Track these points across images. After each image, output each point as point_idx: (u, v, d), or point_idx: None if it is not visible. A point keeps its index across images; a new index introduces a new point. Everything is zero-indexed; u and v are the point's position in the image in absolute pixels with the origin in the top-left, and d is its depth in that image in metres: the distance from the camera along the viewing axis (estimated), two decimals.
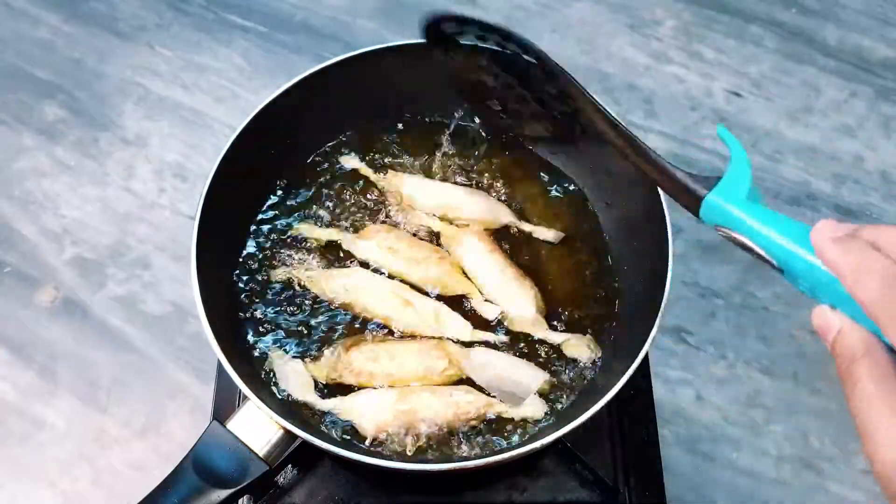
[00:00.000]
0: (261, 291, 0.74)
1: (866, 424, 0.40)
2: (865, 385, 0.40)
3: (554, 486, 0.72)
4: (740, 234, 0.49)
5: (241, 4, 1.16)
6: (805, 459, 0.85)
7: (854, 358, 0.41)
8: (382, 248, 0.75)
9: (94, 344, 0.90)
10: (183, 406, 0.86)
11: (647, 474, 0.73)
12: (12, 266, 0.95)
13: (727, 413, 0.87)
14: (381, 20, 1.15)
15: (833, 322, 0.43)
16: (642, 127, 1.07)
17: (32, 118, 1.05)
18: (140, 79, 1.09)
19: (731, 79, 1.12)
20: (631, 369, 0.62)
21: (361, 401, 0.68)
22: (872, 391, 0.40)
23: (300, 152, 0.81)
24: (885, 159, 1.06)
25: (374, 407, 0.67)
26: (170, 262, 0.95)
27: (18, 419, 0.86)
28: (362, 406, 0.67)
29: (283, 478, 0.72)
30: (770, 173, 1.04)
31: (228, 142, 0.72)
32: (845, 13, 1.18)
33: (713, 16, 1.18)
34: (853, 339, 0.42)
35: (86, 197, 1.00)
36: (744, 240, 0.49)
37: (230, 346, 0.65)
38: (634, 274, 0.75)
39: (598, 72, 1.12)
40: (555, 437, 0.61)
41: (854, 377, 0.41)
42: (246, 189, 0.77)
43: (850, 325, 0.43)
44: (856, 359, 0.41)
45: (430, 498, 0.72)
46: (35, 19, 1.14)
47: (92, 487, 0.82)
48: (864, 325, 0.42)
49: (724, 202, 0.51)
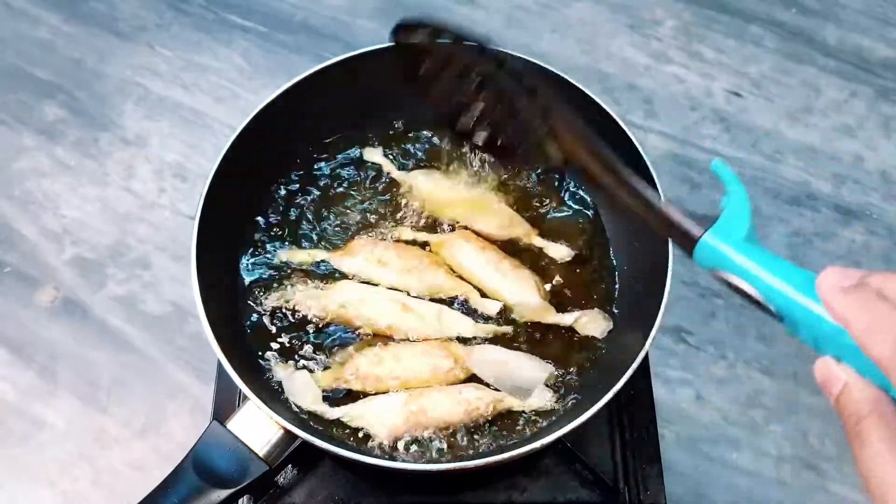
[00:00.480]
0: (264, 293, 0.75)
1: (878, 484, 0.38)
2: (874, 444, 0.39)
3: (554, 486, 0.72)
4: (739, 278, 0.46)
5: (241, 4, 1.16)
6: (805, 459, 0.85)
7: (861, 415, 0.40)
8: (371, 262, 0.74)
9: (94, 344, 0.90)
10: (183, 406, 0.86)
11: (647, 474, 0.73)
12: (12, 266, 0.95)
13: (727, 413, 0.87)
14: (381, 20, 1.15)
15: (838, 376, 0.41)
16: (642, 127, 1.07)
17: (32, 118, 1.05)
18: (140, 79, 1.09)
19: (731, 79, 1.12)
20: (631, 369, 0.62)
21: (371, 406, 0.67)
22: (882, 450, 0.39)
23: (300, 152, 0.81)
24: (885, 159, 1.06)
25: (384, 411, 0.67)
26: (170, 262, 0.95)
27: (18, 419, 0.86)
28: (372, 411, 0.67)
29: (283, 478, 0.72)
30: (770, 173, 1.04)
31: (228, 142, 0.72)
32: (845, 13, 1.18)
33: (713, 16, 1.18)
34: (860, 395, 0.40)
35: (86, 197, 1.00)
36: (742, 285, 0.46)
37: (230, 346, 0.65)
38: (634, 274, 0.75)
39: (598, 72, 1.12)
40: (555, 437, 0.61)
41: (862, 435, 0.39)
42: (246, 189, 0.77)
43: (855, 379, 0.41)
44: (863, 416, 0.40)
45: (430, 498, 0.72)
46: (35, 19, 1.14)
47: (92, 487, 0.82)
48: (870, 380, 0.40)
49: (721, 243, 0.48)
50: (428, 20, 0.63)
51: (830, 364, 0.42)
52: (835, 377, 0.41)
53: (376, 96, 0.81)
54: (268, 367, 0.70)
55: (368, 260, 0.74)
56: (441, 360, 0.69)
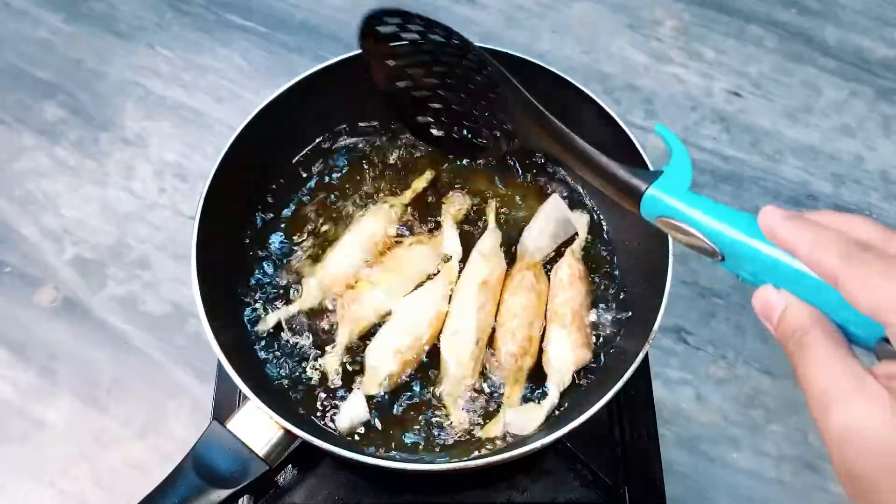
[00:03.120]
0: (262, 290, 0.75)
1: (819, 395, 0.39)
2: (819, 351, 0.40)
3: (554, 486, 0.72)
4: (682, 222, 0.50)
5: (241, 4, 1.16)
6: (805, 459, 0.85)
7: (805, 329, 0.41)
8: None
9: (94, 344, 0.90)
10: (183, 406, 0.86)
11: (647, 474, 0.73)
12: (12, 266, 0.95)
13: (727, 413, 0.87)
14: None
15: (777, 300, 0.44)
16: (642, 127, 1.07)
17: (32, 118, 1.05)
18: (140, 79, 1.09)
19: (731, 79, 1.12)
20: (631, 369, 0.62)
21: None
22: (827, 356, 0.40)
23: (300, 152, 0.81)
24: (885, 159, 1.06)
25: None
26: (170, 262, 0.95)
27: (18, 419, 0.86)
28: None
29: (283, 478, 0.72)
30: (770, 173, 1.04)
31: (228, 142, 0.72)
32: (845, 13, 1.18)
33: (713, 16, 1.18)
34: (802, 312, 0.42)
35: (86, 197, 1.00)
36: (686, 227, 0.50)
37: (230, 346, 0.65)
38: (634, 274, 0.75)
39: (598, 72, 1.12)
40: (555, 437, 0.61)
41: (805, 346, 0.41)
42: (246, 189, 0.77)
43: (795, 301, 0.43)
44: (806, 330, 0.41)
45: (430, 498, 0.72)
46: (35, 19, 1.14)
47: (92, 487, 0.82)
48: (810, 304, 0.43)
49: (666, 195, 0.51)
50: (396, 9, 0.63)
51: (769, 291, 0.44)
52: (774, 302, 0.44)
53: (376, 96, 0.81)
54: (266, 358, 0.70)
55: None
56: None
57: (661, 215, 0.52)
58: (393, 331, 0.71)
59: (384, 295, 0.73)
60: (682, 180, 0.52)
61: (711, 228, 0.48)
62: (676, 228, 0.51)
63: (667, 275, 0.66)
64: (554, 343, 0.71)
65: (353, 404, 0.68)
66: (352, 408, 0.68)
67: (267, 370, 0.71)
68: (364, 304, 0.72)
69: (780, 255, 0.44)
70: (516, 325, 0.71)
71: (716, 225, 0.48)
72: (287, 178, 0.80)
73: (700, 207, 0.49)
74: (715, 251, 0.48)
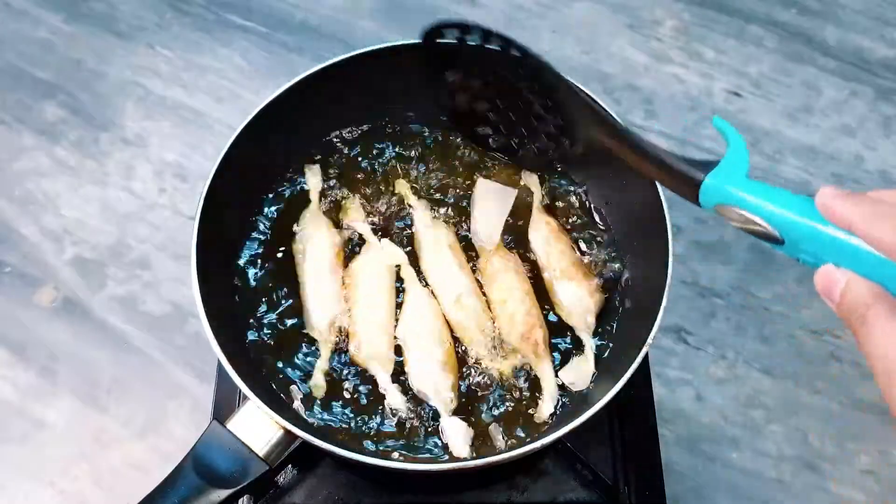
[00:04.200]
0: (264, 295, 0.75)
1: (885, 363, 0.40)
2: (885, 324, 0.41)
3: (554, 486, 0.72)
4: (742, 209, 0.51)
5: (241, 4, 1.16)
6: (805, 459, 0.85)
7: (868, 304, 0.42)
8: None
9: (94, 344, 0.90)
10: (183, 406, 0.86)
11: (647, 474, 0.73)
12: (12, 266, 0.95)
13: (727, 413, 0.87)
14: (381, 20, 1.15)
15: (839, 277, 0.44)
16: (642, 127, 1.07)
17: (32, 118, 1.05)
18: (140, 79, 1.09)
19: (731, 79, 1.12)
20: (631, 369, 0.62)
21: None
22: (891, 329, 0.41)
23: (300, 152, 0.82)
24: (886, 159, 1.06)
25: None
26: (170, 262, 0.95)
27: (18, 419, 0.86)
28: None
29: (283, 478, 0.72)
30: (770, 173, 1.04)
31: (228, 142, 0.72)
32: (845, 13, 1.18)
33: (713, 16, 1.18)
34: (864, 287, 0.43)
35: (86, 197, 1.00)
36: (746, 214, 0.51)
37: (230, 346, 0.65)
38: (635, 274, 0.75)
39: (598, 72, 1.12)
40: (555, 437, 0.61)
41: (870, 321, 0.42)
42: (246, 189, 0.77)
43: (856, 277, 0.44)
44: (869, 304, 0.42)
45: (430, 498, 0.72)
46: (35, 19, 1.14)
47: (92, 487, 0.82)
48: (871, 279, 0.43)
49: (724, 183, 0.53)
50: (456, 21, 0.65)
51: (831, 269, 0.45)
52: (836, 280, 0.45)
53: (376, 96, 0.81)
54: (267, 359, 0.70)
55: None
56: None
57: (720, 202, 0.53)
58: (418, 356, 0.70)
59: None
60: (740, 168, 0.53)
61: (772, 212, 0.49)
62: (736, 215, 0.52)
63: (667, 275, 0.66)
64: (567, 296, 0.73)
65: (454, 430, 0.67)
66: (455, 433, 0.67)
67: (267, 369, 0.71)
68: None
69: (838, 234, 0.45)
70: (511, 308, 0.72)
71: (775, 209, 0.49)
72: (288, 178, 0.80)
73: (759, 193, 0.51)
74: (775, 236, 0.49)
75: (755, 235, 0.51)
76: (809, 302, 0.94)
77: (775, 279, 0.95)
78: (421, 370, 0.70)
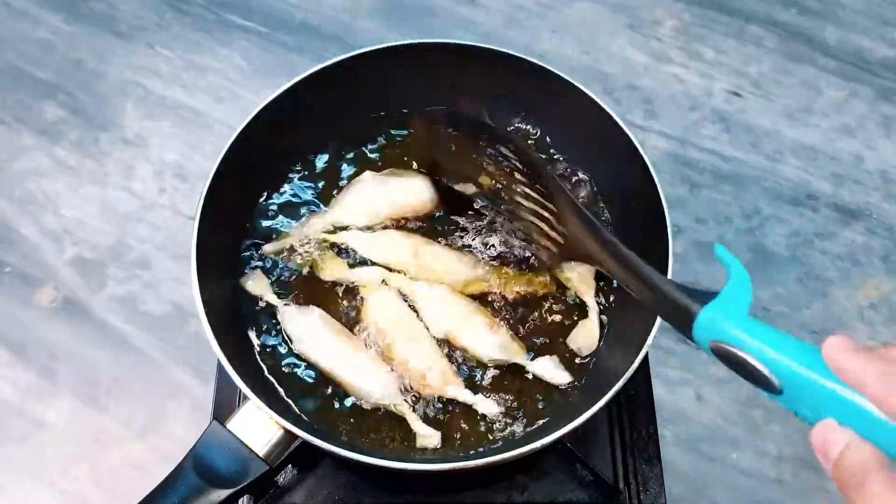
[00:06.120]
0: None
1: None
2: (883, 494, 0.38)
3: (554, 486, 0.72)
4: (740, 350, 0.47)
5: (241, 4, 1.16)
6: (805, 459, 0.85)
7: (868, 470, 0.39)
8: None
9: (94, 344, 0.90)
10: (183, 406, 0.86)
11: (647, 474, 0.73)
12: (12, 266, 0.95)
13: (727, 413, 0.87)
14: (381, 20, 1.15)
15: (839, 437, 0.41)
16: (642, 127, 1.07)
17: (32, 118, 1.05)
18: (140, 79, 1.09)
19: (731, 79, 1.12)
20: (631, 369, 0.62)
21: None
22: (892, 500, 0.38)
23: (300, 152, 0.81)
24: (886, 159, 1.06)
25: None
26: (170, 262, 0.95)
27: (18, 419, 0.86)
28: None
29: (283, 478, 0.72)
30: (770, 173, 1.04)
31: (228, 142, 0.72)
32: (845, 13, 1.18)
33: (713, 16, 1.18)
34: (866, 452, 0.40)
35: (86, 197, 1.00)
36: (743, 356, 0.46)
37: (230, 346, 0.65)
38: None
39: (598, 72, 1.12)
40: (555, 437, 0.61)
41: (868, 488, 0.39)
42: (246, 189, 0.77)
43: (859, 439, 0.41)
44: (870, 471, 0.39)
45: (430, 498, 0.72)
46: (35, 19, 1.14)
47: (92, 487, 0.82)
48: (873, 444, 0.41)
49: (723, 319, 0.48)
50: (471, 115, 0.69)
51: (831, 426, 0.42)
52: (836, 438, 0.41)
53: (376, 96, 0.81)
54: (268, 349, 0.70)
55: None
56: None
57: (715, 340, 0.48)
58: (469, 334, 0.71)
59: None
60: (740, 304, 0.48)
61: (772, 359, 0.45)
62: (732, 357, 0.47)
63: (667, 274, 0.66)
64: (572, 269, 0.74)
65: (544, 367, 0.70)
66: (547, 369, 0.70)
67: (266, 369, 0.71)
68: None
69: (845, 392, 0.41)
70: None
71: (777, 356, 0.45)
72: (288, 178, 0.80)
73: (760, 336, 0.46)
74: (774, 384, 0.45)
75: (750, 381, 0.46)
76: (809, 302, 0.94)
77: (775, 279, 0.95)
78: (481, 342, 0.70)
